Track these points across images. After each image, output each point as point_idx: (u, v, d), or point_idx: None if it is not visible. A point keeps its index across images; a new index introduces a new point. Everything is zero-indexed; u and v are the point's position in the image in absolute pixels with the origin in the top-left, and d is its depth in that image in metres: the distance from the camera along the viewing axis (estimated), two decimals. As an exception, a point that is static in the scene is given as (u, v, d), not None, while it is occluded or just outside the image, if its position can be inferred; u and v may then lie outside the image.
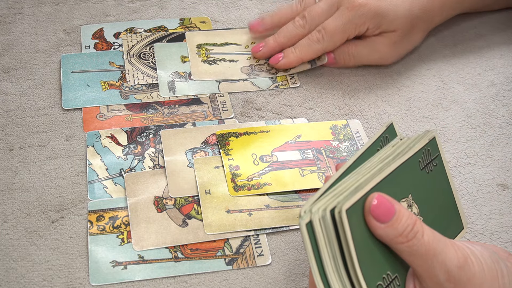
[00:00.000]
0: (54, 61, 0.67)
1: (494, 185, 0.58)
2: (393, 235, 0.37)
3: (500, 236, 0.54)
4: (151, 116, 0.62)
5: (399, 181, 0.40)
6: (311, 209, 0.37)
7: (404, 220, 0.37)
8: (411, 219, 0.37)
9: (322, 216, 0.36)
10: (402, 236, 0.37)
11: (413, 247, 0.37)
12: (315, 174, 0.57)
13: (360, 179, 0.39)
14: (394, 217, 0.37)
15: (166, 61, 0.68)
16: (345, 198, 0.37)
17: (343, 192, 0.38)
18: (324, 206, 0.37)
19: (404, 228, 0.37)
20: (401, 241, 0.37)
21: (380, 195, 0.37)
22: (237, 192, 0.55)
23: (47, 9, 0.74)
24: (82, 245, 0.51)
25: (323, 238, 0.36)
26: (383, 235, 0.37)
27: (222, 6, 0.76)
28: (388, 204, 0.37)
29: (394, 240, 0.37)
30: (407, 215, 0.37)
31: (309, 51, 0.64)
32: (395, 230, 0.37)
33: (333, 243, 0.36)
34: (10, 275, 0.49)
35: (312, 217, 0.36)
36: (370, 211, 0.37)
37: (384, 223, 0.37)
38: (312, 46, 0.64)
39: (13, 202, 0.54)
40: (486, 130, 0.63)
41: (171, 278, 0.49)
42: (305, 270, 0.51)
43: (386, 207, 0.37)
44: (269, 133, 0.61)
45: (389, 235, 0.37)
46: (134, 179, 0.56)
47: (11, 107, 0.62)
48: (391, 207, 0.37)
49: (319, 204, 0.37)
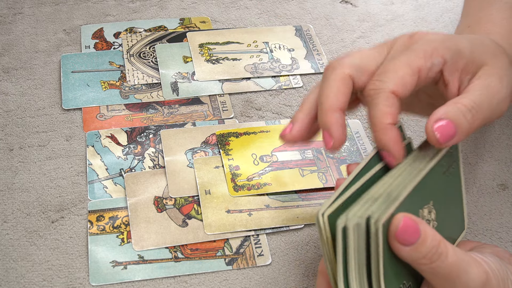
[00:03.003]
0: (54, 61, 0.67)
1: (494, 185, 0.58)
2: (417, 258, 0.36)
3: (500, 236, 0.54)
4: (151, 116, 0.62)
5: (425, 187, 0.39)
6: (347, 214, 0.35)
7: (429, 242, 0.36)
8: (436, 240, 0.36)
9: (357, 223, 0.35)
10: (426, 258, 0.36)
11: (436, 269, 0.36)
12: (315, 174, 0.57)
13: (392, 182, 0.38)
14: (419, 240, 0.35)
15: (168, 62, 0.68)
16: (378, 208, 0.36)
17: (377, 197, 0.37)
18: (359, 213, 0.35)
19: (429, 251, 0.36)
20: (424, 263, 0.36)
21: (406, 217, 0.35)
22: (237, 192, 0.55)
23: (47, 9, 0.74)
24: (82, 245, 0.51)
25: (353, 245, 0.35)
26: (407, 257, 0.36)
27: (222, 6, 0.76)
28: (414, 227, 0.35)
29: (418, 261, 0.36)
30: (432, 236, 0.36)
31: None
32: (419, 253, 0.36)
33: (362, 251, 0.36)
34: (10, 275, 0.49)
35: (348, 223, 0.35)
36: (396, 236, 0.35)
37: (409, 246, 0.36)
38: None
39: (13, 202, 0.54)
40: (486, 130, 0.63)
41: (171, 278, 0.49)
42: (305, 270, 0.51)
43: (412, 230, 0.35)
44: (269, 133, 0.61)
45: (412, 257, 0.36)
46: (134, 179, 0.56)
47: (11, 107, 0.62)
48: (417, 230, 0.35)
49: (354, 210, 0.36)
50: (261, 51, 0.70)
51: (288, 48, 0.71)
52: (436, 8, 0.79)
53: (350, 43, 0.73)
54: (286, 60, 0.69)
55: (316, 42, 0.72)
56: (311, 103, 0.45)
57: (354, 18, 0.77)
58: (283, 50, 0.71)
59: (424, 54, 0.41)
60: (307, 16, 0.76)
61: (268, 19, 0.75)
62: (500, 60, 0.43)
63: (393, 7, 0.79)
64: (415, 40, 0.42)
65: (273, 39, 0.72)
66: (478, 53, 0.42)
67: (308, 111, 0.45)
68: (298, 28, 0.74)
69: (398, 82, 0.39)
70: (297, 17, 0.76)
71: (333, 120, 0.41)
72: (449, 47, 0.41)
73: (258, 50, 0.70)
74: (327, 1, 0.79)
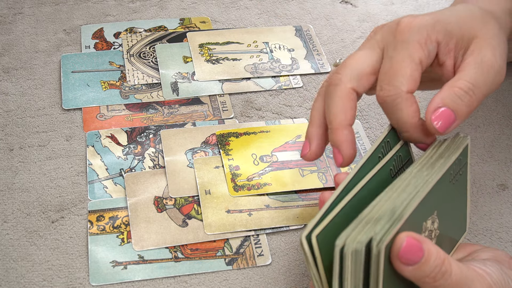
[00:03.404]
0: (54, 61, 0.67)
1: (494, 185, 0.58)
2: (421, 276, 0.35)
3: (500, 236, 0.54)
4: (151, 116, 0.62)
5: (430, 200, 0.38)
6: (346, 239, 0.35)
7: (433, 261, 0.35)
8: (440, 258, 0.35)
9: (356, 249, 0.34)
10: (430, 277, 0.35)
11: (440, 287, 0.36)
12: (315, 174, 0.57)
13: (396, 198, 0.37)
14: (423, 260, 0.35)
15: (168, 62, 0.68)
16: (382, 228, 0.35)
17: (379, 217, 0.36)
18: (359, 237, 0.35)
19: (432, 269, 0.35)
20: (428, 282, 0.35)
21: (409, 237, 0.35)
22: (237, 192, 0.55)
23: (47, 9, 0.74)
24: (82, 245, 0.51)
25: (351, 268, 0.35)
26: (410, 277, 0.36)
27: (222, 6, 0.76)
28: (417, 246, 0.35)
29: (421, 280, 0.36)
30: (435, 255, 0.35)
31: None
32: (423, 272, 0.35)
33: (360, 273, 0.35)
34: (10, 275, 0.49)
35: (346, 249, 0.34)
36: (399, 256, 0.34)
37: (412, 266, 0.35)
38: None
39: (13, 202, 0.54)
40: (486, 130, 0.63)
41: (171, 278, 0.49)
42: (305, 270, 0.51)
43: (415, 250, 0.35)
44: (269, 133, 0.61)
45: (416, 276, 0.35)
46: (134, 179, 0.56)
47: (11, 107, 0.62)
48: (420, 249, 0.35)
49: (354, 233, 0.35)
50: (261, 51, 0.70)
51: (288, 48, 0.71)
52: (436, 8, 0.79)
53: (350, 43, 0.73)
54: (286, 60, 0.69)
55: (316, 42, 0.72)
56: (319, 114, 0.45)
57: (354, 18, 0.77)
58: (283, 50, 0.71)
59: (420, 44, 0.41)
60: (307, 16, 0.76)
61: (268, 19, 0.75)
62: (490, 29, 0.43)
63: (393, 7, 0.79)
64: (403, 30, 0.42)
65: (273, 39, 0.72)
66: (466, 27, 0.42)
67: (319, 123, 0.45)
68: (298, 28, 0.74)
69: (409, 81, 0.40)
70: (297, 17, 0.76)
71: (343, 138, 0.42)
72: (439, 30, 0.41)
73: (258, 50, 0.70)
74: (327, 1, 0.79)
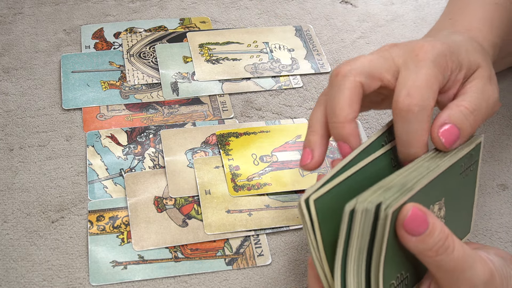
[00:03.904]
0: (54, 61, 0.67)
1: (494, 185, 0.58)
2: (423, 249, 0.36)
3: (500, 236, 0.54)
4: (151, 116, 0.62)
5: (440, 184, 0.39)
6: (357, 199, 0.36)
7: (437, 234, 0.36)
8: (443, 233, 0.36)
9: (367, 208, 0.35)
10: (432, 251, 0.36)
11: (441, 262, 0.36)
12: (315, 174, 0.57)
13: (408, 174, 0.38)
14: (427, 231, 0.35)
15: (168, 62, 0.68)
16: (391, 196, 0.36)
17: (390, 186, 0.37)
18: (370, 198, 0.35)
19: (435, 243, 0.36)
20: (430, 255, 0.36)
21: (415, 207, 0.35)
22: (237, 192, 0.55)
23: (47, 9, 0.74)
24: (82, 245, 0.51)
25: (358, 229, 0.35)
26: (413, 248, 0.36)
27: (222, 6, 0.76)
28: (422, 217, 0.35)
29: (423, 253, 0.36)
30: (440, 229, 0.36)
31: None
32: (425, 244, 0.36)
33: (366, 236, 0.35)
34: (10, 275, 0.49)
35: (357, 207, 0.35)
36: (404, 225, 0.35)
37: (416, 236, 0.35)
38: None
39: (13, 202, 0.54)
40: (486, 130, 0.63)
41: (171, 278, 0.49)
42: (305, 270, 0.51)
43: (420, 221, 0.35)
44: (269, 133, 0.61)
45: (419, 248, 0.36)
46: (134, 179, 0.56)
47: (11, 107, 0.62)
48: (425, 221, 0.35)
49: (365, 195, 0.36)
50: (261, 51, 0.70)
51: (288, 48, 0.71)
52: (436, 9, 0.79)
53: (350, 43, 0.73)
54: (286, 60, 0.69)
55: (316, 42, 0.72)
56: (320, 122, 0.44)
57: (354, 18, 0.77)
58: (283, 50, 0.71)
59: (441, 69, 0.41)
60: (307, 16, 0.76)
61: (268, 19, 0.75)
62: (489, 62, 0.45)
63: (393, 8, 0.79)
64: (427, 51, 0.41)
65: (273, 39, 0.72)
66: (473, 60, 0.44)
67: (320, 132, 0.44)
68: (298, 28, 0.74)
69: (435, 98, 0.40)
70: (297, 17, 0.76)
71: (350, 131, 0.41)
72: (454, 60, 0.42)
73: (258, 50, 0.70)
74: (327, 1, 0.79)
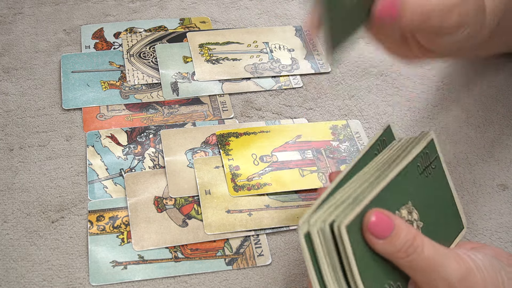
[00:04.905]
0: (54, 61, 0.67)
1: (494, 185, 0.58)
2: (392, 251, 0.36)
3: (500, 236, 0.54)
4: (151, 116, 0.62)
5: (399, 188, 0.39)
6: (309, 220, 0.36)
7: (403, 235, 0.36)
8: (410, 233, 0.37)
9: (320, 228, 0.36)
10: (401, 252, 0.36)
11: (413, 262, 0.37)
12: (315, 174, 0.57)
13: (357, 188, 0.38)
14: (393, 233, 0.36)
15: (168, 62, 0.68)
16: (343, 212, 0.36)
17: (341, 203, 0.37)
18: (322, 217, 0.36)
19: (403, 244, 0.36)
20: (400, 256, 0.37)
21: (378, 211, 0.36)
22: (237, 192, 0.55)
23: (47, 9, 0.74)
24: (82, 245, 0.51)
25: (322, 249, 0.36)
26: (382, 251, 0.37)
27: (222, 6, 0.76)
28: (387, 220, 0.36)
29: (394, 255, 0.37)
30: (406, 230, 0.36)
31: None
32: (393, 246, 0.36)
33: (333, 255, 0.36)
34: (10, 275, 0.49)
35: (310, 229, 0.36)
36: (368, 228, 0.36)
37: (382, 239, 0.36)
38: None
39: (13, 202, 0.54)
40: (486, 130, 0.63)
41: (171, 278, 0.49)
42: (305, 270, 0.51)
43: (385, 224, 0.36)
44: (269, 133, 0.61)
45: (387, 251, 0.37)
46: (134, 179, 0.56)
47: (11, 107, 0.62)
48: (390, 223, 0.36)
49: (317, 215, 0.36)
50: (261, 51, 0.70)
51: (288, 48, 0.71)
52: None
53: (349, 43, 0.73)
54: (286, 60, 0.69)
55: (316, 42, 0.72)
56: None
57: (354, 18, 0.77)
58: (283, 50, 0.71)
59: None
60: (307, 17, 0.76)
61: (268, 19, 0.75)
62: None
63: (393, 7, 0.79)
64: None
65: (273, 39, 0.72)
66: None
67: None
68: (298, 28, 0.74)
69: None
70: (297, 17, 0.76)
71: None
72: None
73: (258, 50, 0.70)
74: (327, 1, 0.79)
